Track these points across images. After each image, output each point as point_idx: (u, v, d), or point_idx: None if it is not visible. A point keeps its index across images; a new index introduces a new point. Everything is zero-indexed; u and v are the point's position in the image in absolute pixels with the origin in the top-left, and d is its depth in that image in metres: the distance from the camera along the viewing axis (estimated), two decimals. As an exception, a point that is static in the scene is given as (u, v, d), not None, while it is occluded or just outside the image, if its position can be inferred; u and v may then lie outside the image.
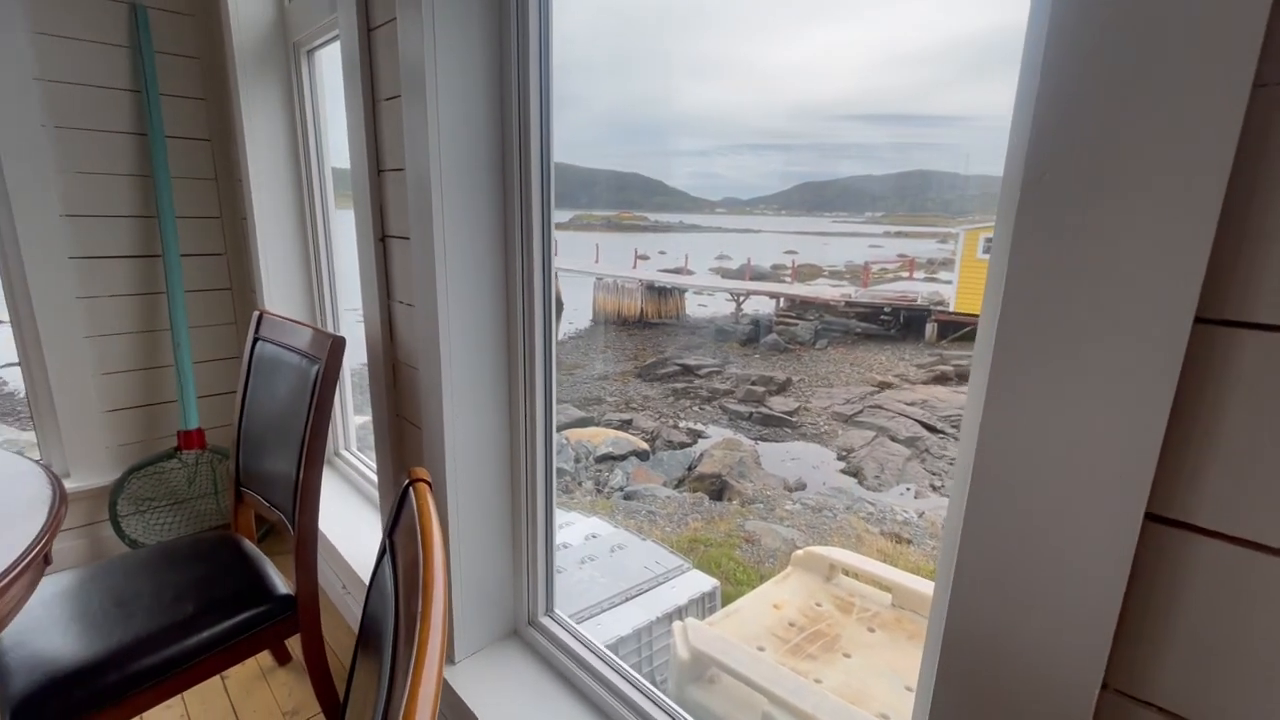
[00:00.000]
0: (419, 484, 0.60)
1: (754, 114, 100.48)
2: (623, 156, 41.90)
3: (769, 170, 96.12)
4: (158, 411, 2.12)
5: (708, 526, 4.34)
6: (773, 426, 7.19)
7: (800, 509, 4.81)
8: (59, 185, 1.84)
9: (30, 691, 0.96)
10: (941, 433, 6.55)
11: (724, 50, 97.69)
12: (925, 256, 16.81)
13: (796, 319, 10.97)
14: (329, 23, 1.64)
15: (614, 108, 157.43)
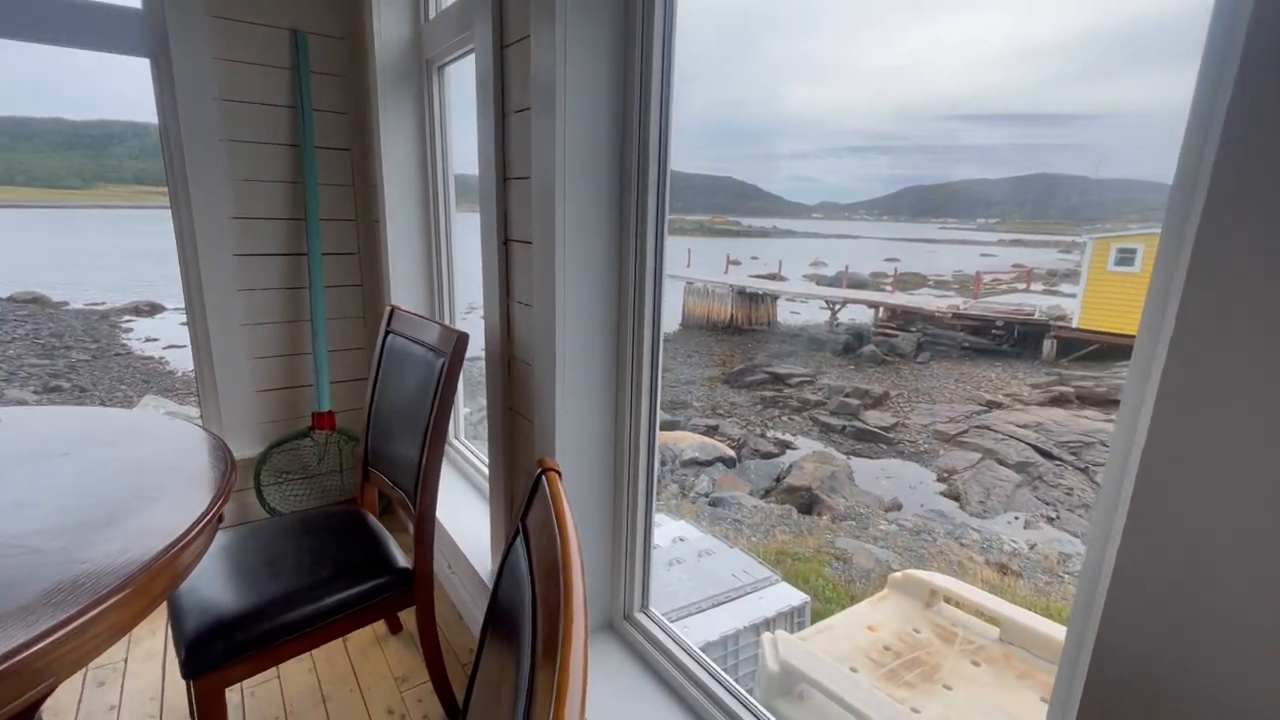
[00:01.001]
0: (550, 473, 0.64)
1: (857, 115, 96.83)
2: (716, 161, 41.43)
3: (871, 174, 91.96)
4: (296, 394, 2.36)
5: (796, 540, 4.23)
6: (867, 442, 6.89)
7: (896, 530, 4.58)
8: (229, 191, 2.10)
9: (200, 631, 1.11)
10: (1058, 459, 6.01)
11: (827, 50, 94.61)
12: (1045, 267, 15.50)
13: (897, 330, 10.46)
14: (461, 40, 1.76)
15: (708, 112, 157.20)
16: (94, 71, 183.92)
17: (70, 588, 0.75)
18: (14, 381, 9.55)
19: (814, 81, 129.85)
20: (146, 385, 9.94)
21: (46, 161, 78.04)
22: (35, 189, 70.14)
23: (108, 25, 1.92)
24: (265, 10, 2.06)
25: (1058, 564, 3.88)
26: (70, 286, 16.18)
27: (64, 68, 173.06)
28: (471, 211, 2.19)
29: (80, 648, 0.72)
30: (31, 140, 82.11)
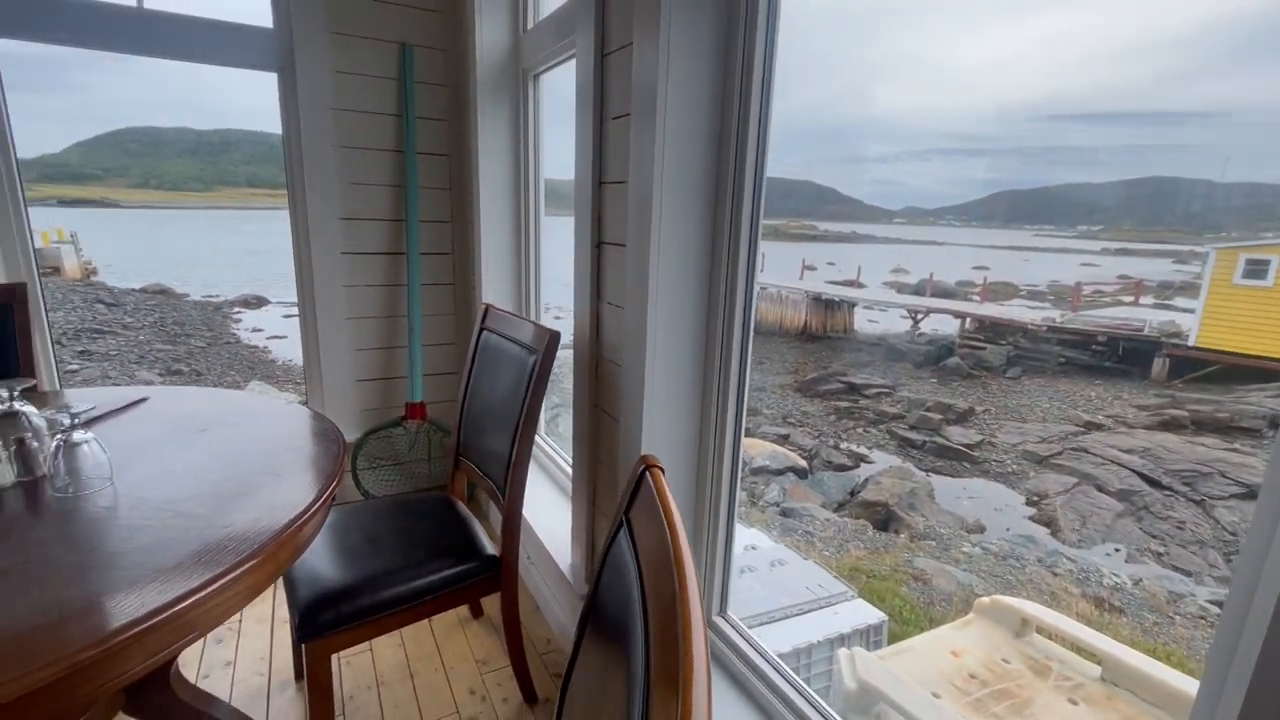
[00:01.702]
0: (653, 469, 0.66)
1: (947, 116, 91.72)
2: (794, 164, 40.64)
3: (959, 177, 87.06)
4: (391, 385, 2.50)
5: (871, 557, 4.08)
6: (948, 459, 6.56)
7: (980, 553, 4.33)
8: (339, 193, 2.26)
9: (311, 601, 1.20)
10: (1168, 489, 5.51)
11: (917, 48, 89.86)
12: (1156, 278, 14.21)
13: (985, 342, 9.88)
14: (558, 50, 1.82)
15: (787, 114, 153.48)
16: (215, 84, 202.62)
17: (216, 550, 0.84)
18: (144, 363, 10.59)
19: (901, 82, 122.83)
20: (252, 371, 10.81)
21: (174, 166, 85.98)
22: (164, 191, 77.58)
23: (245, 44, 2.12)
24: (378, 26, 2.21)
25: (1167, 604, 3.55)
26: (190, 280, 17.77)
27: (189, 81, 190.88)
28: (556, 215, 2.27)
29: (223, 604, 0.80)
30: (161, 148, 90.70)
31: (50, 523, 0.91)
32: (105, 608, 0.72)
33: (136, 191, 79.83)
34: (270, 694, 1.53)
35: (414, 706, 1.50)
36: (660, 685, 0.42)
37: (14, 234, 1.94)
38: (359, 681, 1.58)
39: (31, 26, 1.87)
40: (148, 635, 0.71)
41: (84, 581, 0.77)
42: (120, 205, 66.60)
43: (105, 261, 20.54)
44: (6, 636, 0.67)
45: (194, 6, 2.05)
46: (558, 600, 1.79)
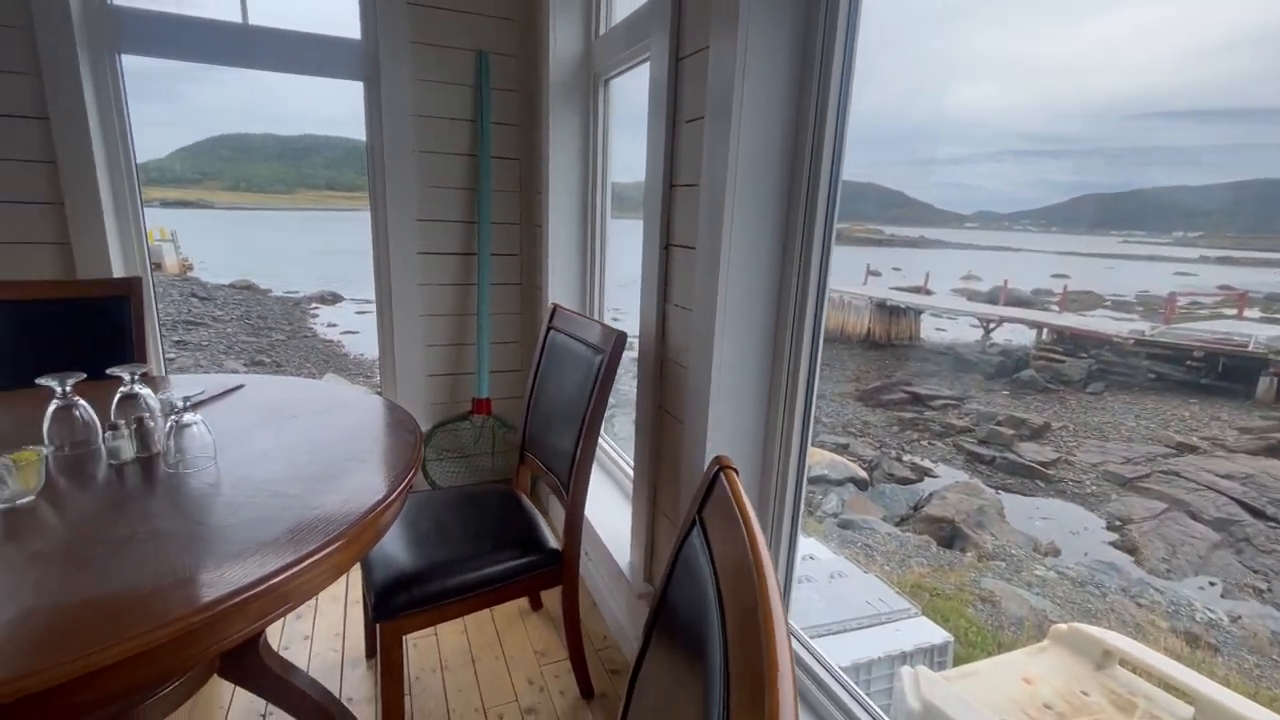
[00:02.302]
0: (728, 470, 0.66)
1: (1025, 115, 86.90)
2: (860, 166, 39.66)
3: (1038, 179, 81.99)
4: (458, 380, 2.59)
5: (935, 574, 3.92)
6: (1020, 476, 6.22)
7: (1055, 577, 4.09)
8: (417, 196, 2.36)
9: (386, 583, 1.26)
10: (1273, 521, 5.04)
11: (995, 45, 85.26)
12: (1264, 290, 13.02)
13: (1064, 355, 9.32)
14: (629, 55, 1.84)
15: (851, 115, 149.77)
16: (298, 93, 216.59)
17: (308, 528, 0.89)
18: (230, 354, 11.35)
19: (976, 81, 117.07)
20: (326, 365, 11.41)
21: (260, 170, 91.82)
22: (252, 194, 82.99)
23: (335, 55, 2.25)
24: (457, 35, 2.30)
25: (1270, 644, 3.25)
26: (273, 277, 18.91)
27: (275, 90, 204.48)
28: (618, 218, 2.29)
29: (314, 580, 0.85)
30: (250, 153, 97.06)
31: (163, 495, 1.00)
32: (214, 576, 0.78)
33: (228, 194, 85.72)
34: (344, 669, 1.61)
35: (475, 691, 1.55)
36: (743, 684, 0.43)
37: (132, 234, 2.12)
38: (424, 664, 1.65)
39: (159, 44, 2.05)
40: (250, 604, 0.76)
41: (194, 551, 0.84)
42: (214, 206, 72.00)
43: (200, 259, 22.17)
44: (132, 597, 0.74)
45: (291, 21, 2.20)
46: (615, 598, 1.80)
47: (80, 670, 0.64)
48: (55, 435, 1.09)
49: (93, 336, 1.83)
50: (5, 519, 0.90)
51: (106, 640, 0.66)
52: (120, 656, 0.66)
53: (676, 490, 1.41)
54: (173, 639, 0.70)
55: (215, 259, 24.10)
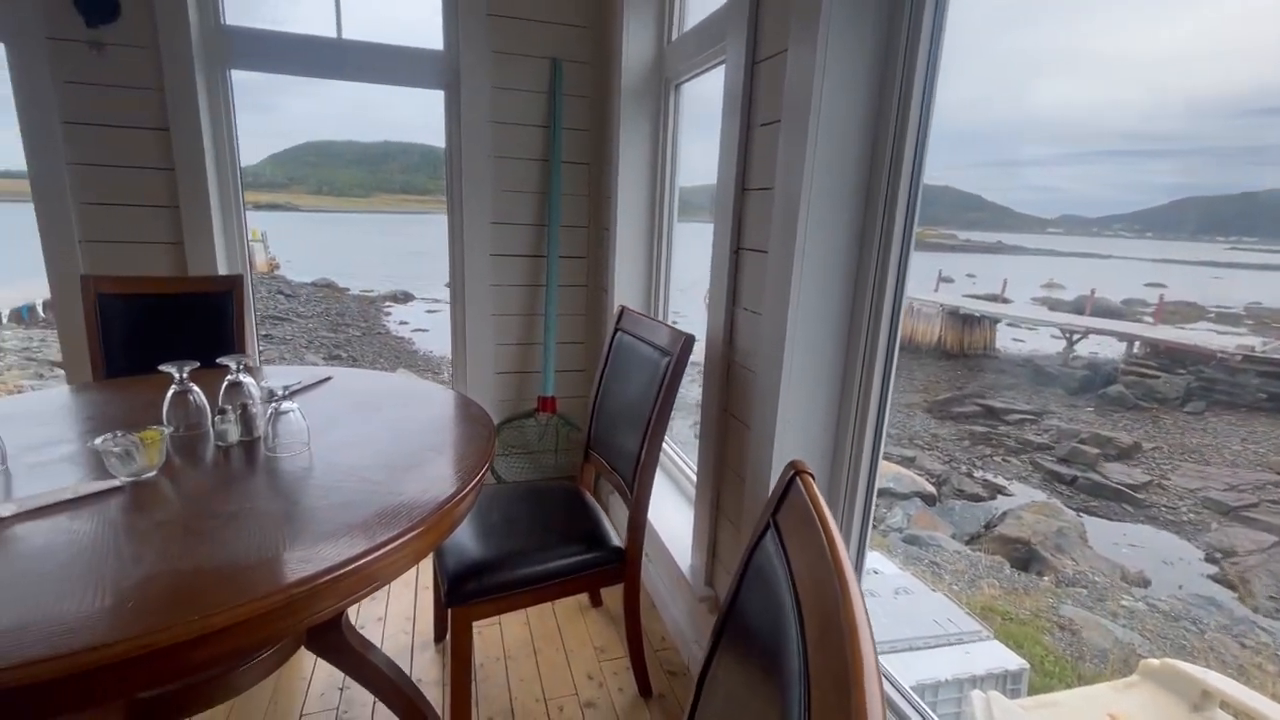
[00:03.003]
0: (804, 475, 0.66)
1: (1118, 113, 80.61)
2: (931, 168, 37.28)
3: (1132, 181, 75.53)
4: (525, 379, 2.67)
5: (1008, 597, 3.72)
6: (1105, 499, 5.81)
7: (1145, 609, 3.80)
8: (491, 200, 2.45)
9: (459, 570, 1.31)
10: (1406, 561, 4.50)
11: (1080, 38, 78.85)
12: (1400, 305, 11.63)
13: (1158, 370, 8.64)
14: (701, 60, 1.85)
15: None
16: (377, 101, 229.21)
17: (393, 513, 0.95)
18: (311, 348, 12.05)
19: (1064, 77, 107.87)
20: (398, 360, 11.95)
21: (342, 175, 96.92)
22: (334, 197, 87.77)
23: (419, 66, 2.36)
24: (533, 44, 2.37)
25: None
26: (350, 276, 19.94)
27: (357, 99, 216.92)
28: (682, 221, 2.30)
29: (398, 562, 0.90)
30: (332, 159, 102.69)
31: (263, 476, 1.08)
32: (310, 553, 0.84)
33: (312, 197, 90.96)
34: (413, 651, 1.69)
35: (537, 682, 1.59)
36: (824, 686, 0.43)
37: (235, 235, 2.30)
38: (488, 652, 1.70)
39: (265, 59, 2.22)
40: (340, 582, 0.81)
41: (292, 529, 0.90)
42: (299, 209, 76.80)
43: (286, 258, 23.66)
44: (240, 567, 0.80)
45: (380, 35, 2.33)
46: (674, 600, 1.81)
47: (199, 631, 0.70)
48: (173, 417, 1.20)
49: (200, 328, 1.99)
50: (132, 490, 1.00)
51: (220, 605, 0.72)
52: (232, 621, 0.72)
53: (740, 494, 1.40)
54: (276, 609, 0.76)
55: (299, 258, 25.68)
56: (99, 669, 0.66)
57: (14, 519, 0.89)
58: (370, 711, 1.48)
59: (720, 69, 1.82)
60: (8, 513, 0.89)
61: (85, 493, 0.97)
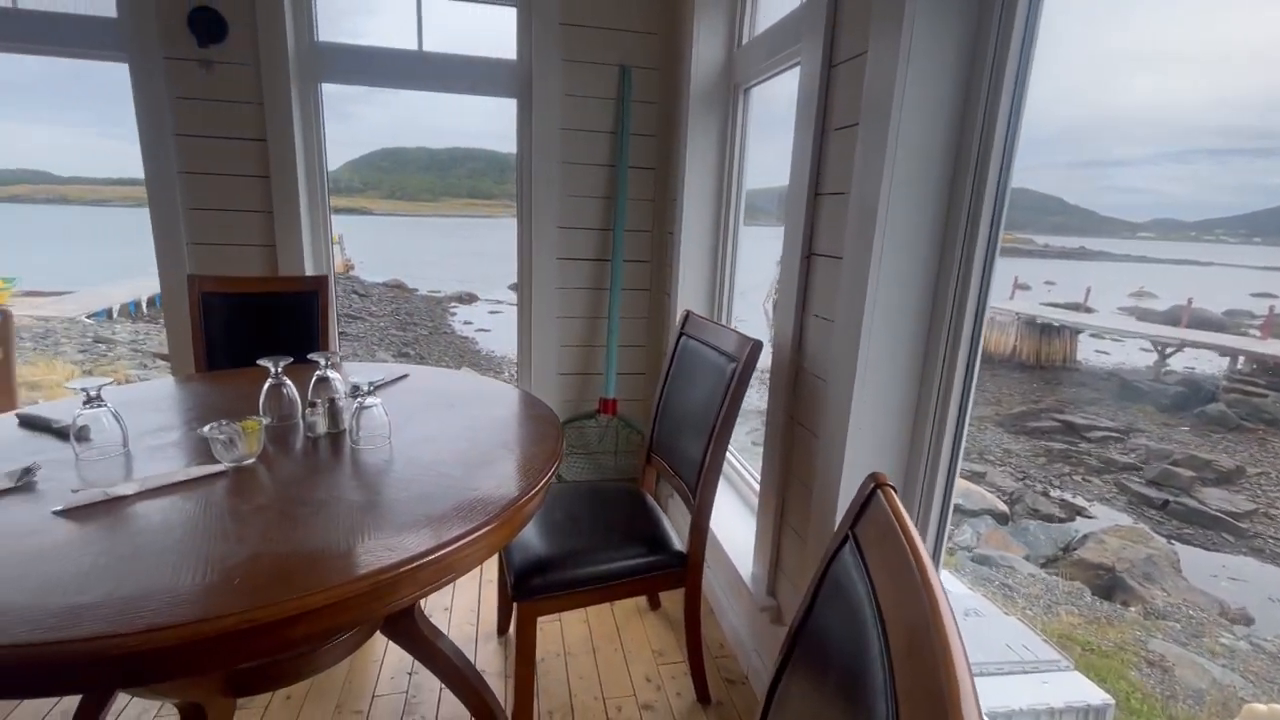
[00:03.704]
0: (886, 488, 0.64)
1: (1222, 108, 73.49)
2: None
3: (1237, 182, 68.70)
4: (587, 380, 2.71)
5: (1089, 627, 3.49)
6: (1201, 526, 5.36)
7: (1248, 649, 3.48)
8: (559, 205, 2.50)
9: (525, 565, 1.35)
10: None
11: (1183, 29, 71.64)
12: None
13: (1265, 388, 7.91)
14: (774, 63, 1.83)
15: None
16: (449, 108, 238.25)
17: (469, 507, 0.98)
18: (381, 346, 12.61)
19: (1157, 70, 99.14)
20: (462, 359, 12.35)
21: (412, 181, 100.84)
22: (405, 202, 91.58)
23: (493, 75, 2.44)
24: (603, 51, 2.41)
25: None
26: (418, 277, 20.74)
27: (428, 107, 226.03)
28: (747, 225, 2.28)
29: (472, 555, 0.94)
30: (404, 165, 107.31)
31: (349, 467, 1.14)
32: (395, 542, 0.88)
33: (384, 201, 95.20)
34: (478, 642, 1.74)
35: (595, 680, 1.61)
36: (915, 702, 0.42)
37: (321, 237, 2.44)
38: (549, 647, 1.74)
39: (352, 73, 2.35)
40: (421, 571, 0.85)
41: (377, 518, 0.95)
42: (372, 213, 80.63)
43: (359, 259, 24.87)
44: (332, 552, 0.85)
45: (456, 46, 2.42)
46: (733, 608, 1.79)
47: (296, 610, 0.75)
48: (268, 409, 1.29)
49: (288, 325, 2.13)
50: (234, 475, 1.07)
51: (316, 587, 0.77)
52: (327, 602, 0.76)
53: (806, 504, 1.38)
54: (364, 593, 0.80)
55: (372, 260, 26.93)
56: (210, 639, 0.71)
57: (136, 497, 0.98)
58: (437, 698, 1.53)
59: (791, 73, 1.81)
60: (131, 491, 0.98)
61: (195, 475, 1.05)
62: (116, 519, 0.92)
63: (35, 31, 2.14)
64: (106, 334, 9.85)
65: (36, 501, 0.96)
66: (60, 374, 7.05)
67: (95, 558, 0.81)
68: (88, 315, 11.25)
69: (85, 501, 0.94)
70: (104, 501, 0.95)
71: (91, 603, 0.72)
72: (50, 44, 2.16)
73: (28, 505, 0.95)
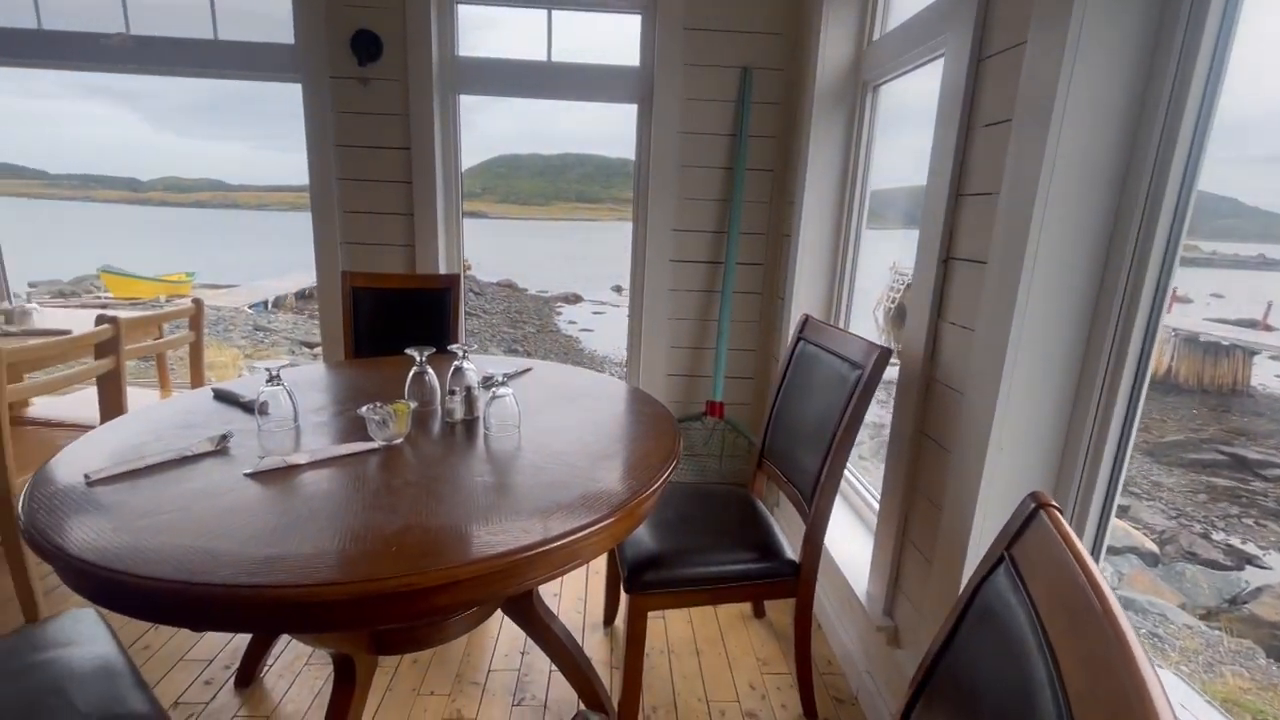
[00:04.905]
0: (1051, 509, 0.60)
1: None
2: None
3: None
4: (694, 382, 2.71)
5: (1262, 693, 3.02)
6: None
7: None
8: (674, 208, 2.53)
9: (638, 560, 1.38)
10: None
11: None
12: None
13: None
14: (910, 57, 1.75)
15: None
16: (562, 115, 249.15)
17: (594, 498, 1.02)
18: (493, 342, 13.31)
19: None
20: (565, 358, 12.79)
21: (525, 185, 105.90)
22: (517, 205, 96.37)
23: (616, 82, 2.51)
24: (725, 54, 2.41)
25: None
26: (528, 277, 21.69)
27: (541, 114, 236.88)
28: (874, 229, 2.18)
29: (598, 543, 0.97)
30: (518, 171, 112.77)
31: (482, 452, 1.22)
32: (529, 525, 0.93)
33: (499, 205, 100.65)
34: (584, 631, 1.80)
35: (699, 681, 1.61)
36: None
37: (454, 238, 2.63)
38: (652, 644, 1.76)
39: (487, 84, 2.51)
40: (553, 554, 0.90)
41: (510, 501, 1.01)
42: (488, 216, 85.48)
43: (476, 259, 26.45)
44: (471, 530, 0.92)
45: (578, 54, 2.51)
46: (843, 624, 1.73)
47: (444, 579, 0.81)
48: (413, 394, 1.41)
49: (423, 318, 2.31)
50: (385, 453, 1.18)
51: (461, 559, 0.83)
52: (471, 574, 0.82)
53: (934, 523, 1.30)
54: (502, 570, 0.85)
55: (487, 260, 28.54)
56: (373, 597, 0.79)
57: (307, 466, 1.10)
58: (546, 679, 1.60)
59: (926, 68, 1.72)
60: (304, 460, 1.10)
61: (353, 451, 1.17)
62: (293, 484, 1.04)
63: (233, 58, 2.47)
64: (263, 323, 11.16)
65: (230, 464, 1.11)
66: (228, 356, 8.08)
67: (279, 517, 0.93)
68: (249, 306, 12.79)
69: (269, 467, 1.08)
70: (283, 469, 1.08)
71: (280, 555, 0.82)
72: (244, 69, 2.48)
73: (223, 467, 1.10)
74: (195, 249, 32.70)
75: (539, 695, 1.55)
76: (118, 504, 0.94)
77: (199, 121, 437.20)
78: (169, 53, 2.46)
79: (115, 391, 1.90)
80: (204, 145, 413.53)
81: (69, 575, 0.83)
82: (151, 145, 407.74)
